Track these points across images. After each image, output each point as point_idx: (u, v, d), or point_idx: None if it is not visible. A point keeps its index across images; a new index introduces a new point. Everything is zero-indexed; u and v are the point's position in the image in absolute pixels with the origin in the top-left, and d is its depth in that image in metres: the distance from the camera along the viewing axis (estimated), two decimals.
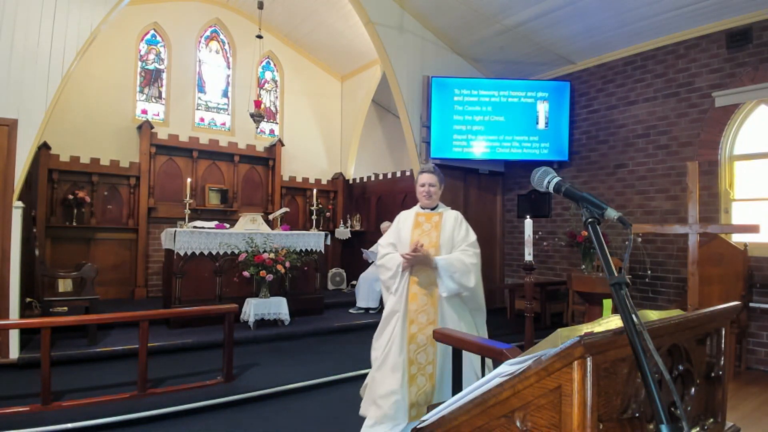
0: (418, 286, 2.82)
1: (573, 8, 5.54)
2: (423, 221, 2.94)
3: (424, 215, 2.97)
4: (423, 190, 2.95)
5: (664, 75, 5.75)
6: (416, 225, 2.93)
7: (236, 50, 8.37)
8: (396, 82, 6.45)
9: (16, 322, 3.94)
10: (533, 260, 3.79)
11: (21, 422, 2.95)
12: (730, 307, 1.16)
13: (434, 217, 2.95)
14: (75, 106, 6.73)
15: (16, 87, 4.09)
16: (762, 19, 4.88)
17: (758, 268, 4.83)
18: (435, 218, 2.94)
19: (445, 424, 0.95)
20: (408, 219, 2.99)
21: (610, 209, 1.00)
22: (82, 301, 4.71)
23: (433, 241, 2.83)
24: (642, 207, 5.94)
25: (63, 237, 6.60)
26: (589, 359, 0.75)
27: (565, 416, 0.77)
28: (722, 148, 5.24)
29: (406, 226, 2.95)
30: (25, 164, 4.12)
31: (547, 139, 6.67)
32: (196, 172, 7.68)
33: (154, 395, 3.50)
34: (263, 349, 4.92)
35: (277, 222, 7.05)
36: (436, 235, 2.86)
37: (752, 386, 4.28)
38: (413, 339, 2.76)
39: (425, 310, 2.79)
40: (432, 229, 2.90)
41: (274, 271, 5.56)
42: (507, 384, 0.84)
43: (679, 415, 0.79)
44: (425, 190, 2.94)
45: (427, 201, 2.96)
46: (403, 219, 3.02)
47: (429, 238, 2.85)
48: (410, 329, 2.77)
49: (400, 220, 3.02)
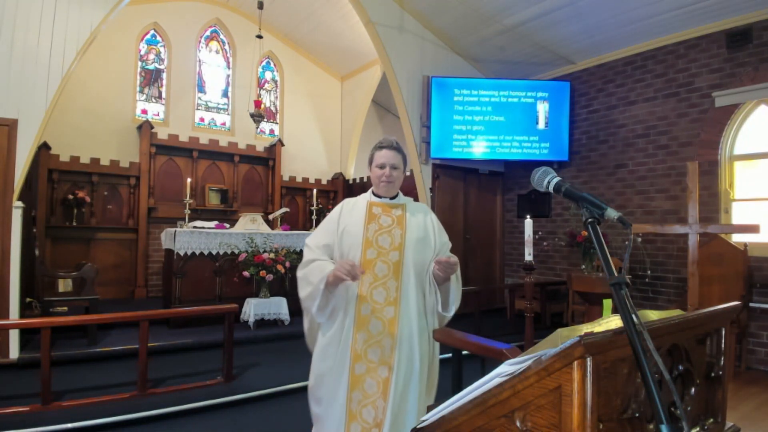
0: (374, 312, 1.99)
1: (573, 8, 5.54)
2: (379, 213, 2.12)
3: (381, 206, 2.15)
4: (382, 174, 2.11)
5: (664, 75, 5.75)
6: (370, 218, 2.11)
7: (236, 50, 8.37)
8: (396, 82, 6.45)
9: (16, 322, 3.94)
10: (533, 260, 3.79)
11: (21, 422, 2.95)
12: (730, 307, 1.16)
13: (395, 209, 2.15)
14: (75, 106, 6.73)
15: (16, 87, 4.09)
16: (762, 19, 4.88)
17: (758, 268, 4.83)
18: (397, 211, 2.14)
19: (445, 424, 0.95)
20: (357, 209, 2.15)
21: (610, 209, 1.00)
22: (82, 301, 4.71)
23: (395, 243, 2.05)
24: (642, 207, 5.94)
25: (63, 237, 6.60)
26: (589, 359, 0.75)
27: (565, 416, 0.77)
28: (722, 148, 5.24)
29: (354, 219, 2.12)
30: (25, 164, 4.12)
31: (547, 139, 6.67)
32: (196, 172, 7.68)
33: (154, 395, 3.50)
34: (263, 349, 4.92)
35: (277, 222, 7.05)
36: (399, 234, 2.07)
37: (752, 386, 4.28)
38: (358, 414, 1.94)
39: (381, 344, 1.96)
40: (394, 225, 2.10)
41: (274, 271, 5.56)
42: (507, 384, 0.84)
43: (679, 415, 0.79)
44: (385, 174, 2.11)
45: (387, 188, 2.14)
46: (348, 209, 2.17)
47: (390, 237, 2.07)
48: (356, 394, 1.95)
49: (343, 210, 2.17)
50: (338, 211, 2.19)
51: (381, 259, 2.05)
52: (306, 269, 2.07)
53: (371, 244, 2.07)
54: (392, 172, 2.12)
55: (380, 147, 2.16)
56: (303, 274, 2.08)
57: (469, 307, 5.38)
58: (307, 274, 2.05)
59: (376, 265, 2.04)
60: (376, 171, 2.15)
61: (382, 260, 2.05)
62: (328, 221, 2.20)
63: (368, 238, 2.07)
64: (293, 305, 5.85)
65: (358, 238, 2.07)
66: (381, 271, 2.04)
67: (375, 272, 2.03)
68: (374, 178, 2.17)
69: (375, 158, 2.16)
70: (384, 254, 2.05)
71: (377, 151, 2.16)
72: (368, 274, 2.03)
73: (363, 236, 2.07)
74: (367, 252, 2.05)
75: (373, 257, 2.05)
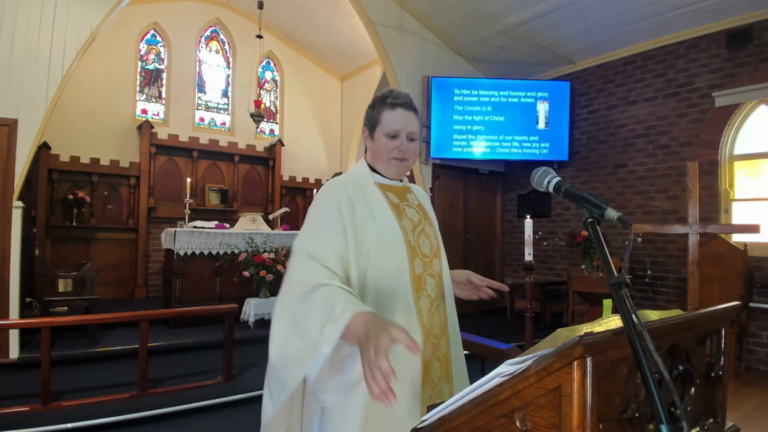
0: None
1: (573, 8, 5.54)
2: (397, 202, 1.42)
3: (394, 191, 1.45)
4: (394, 147, 1.39)
5: (664, 75, 5.75)
6: (397, 210, 1.39)
7: (236, 50, 8.37)
8: (396, 82, 6.45)
9: (16, 322, 3.94)
10: (533, 260, 3.79)
11: (21, 422, 2.95)
12: (730, 307, 1.16)
13: (409, 194, 1.50)
14: (75, 106, 6.73)
15: (16, 87, 4.08)
16: (762, 19, 4.88)
17: (758, 268, 4.83)
18: (411, 197, 1.50)
19: (445, 424, 0.94)
20: (373, 196, 1.38)
21: (610, 209, 1.00)
22: (82, 301, 4.71)
23: (433, 246, 1.43)
24: (642, 207, 5.94)
25: (63, 237, 6.60)
26: (589, 359, 0.75)
27: (565, 416, 0.77)
28: (722, 148, 5.24)
29: (377, 211, 1.35)
30: (25, 164, 4.11)
31: (547, 139, 6.67)
32: (196, 172, 7.68)
33: (154, 395, 3.50)
34: (263, 349, 4.86)
35: (277, 222, 7.05)
36: (432, 233, 1.46)
37: (752, 386, 4.28)
38: None
39: (441, 394, 1.33)
40: (421, 218, 1.45)
41: (274, 271, 5.56)
42: (507, 384, 0.84)
43: (679, 415, 0.79)
44: (399, 147, 1.39)
45: (400, 169, 1.44)
46: (360, 196, 1.35)
47: (427, 238, 1.42)
48: None
49: (351, 198, 1.33)
50: (342, 194, 1.33)
51: (428, 272, 1.39)
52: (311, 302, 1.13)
53: (416, 252, 1.37)
54: (409, 145, 1.41)
55: (392, 104, 1.41)
56: (301, 312, 1.14)
57: (469, 307, 5.37)
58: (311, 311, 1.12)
59: (427, 284, 1.37)
60: (383, 141, 1.40)
61: (430, 274, 1.39)
62: (326, 212, 1.30)
63: (410, 241, 1.37)
64: None
65: (399, 244, 1.34)
66: (433, 290, 1.39)
67: (428, 293, 1.37)
68: (378, 150, 1.41)
69: (383, 121, 1.40)
70: (428, 265, 1.40)
71: (387, 110, 1.40)
72: (423, 298, 1.35)
73: (404, 239, 1.35)
74: (415, 264, 1.35)
75: (421, 272, 1.37)
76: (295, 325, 1.15)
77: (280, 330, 1.18)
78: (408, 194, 1.49)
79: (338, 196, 1.31)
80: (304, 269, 1.20)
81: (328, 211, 1.30)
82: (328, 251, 1.23)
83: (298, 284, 1.18)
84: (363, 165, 1.47)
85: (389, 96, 1.42)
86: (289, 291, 1.20)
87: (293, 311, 1.16)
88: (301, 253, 1.24)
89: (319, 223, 1.30)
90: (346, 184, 1.36)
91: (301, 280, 1.19)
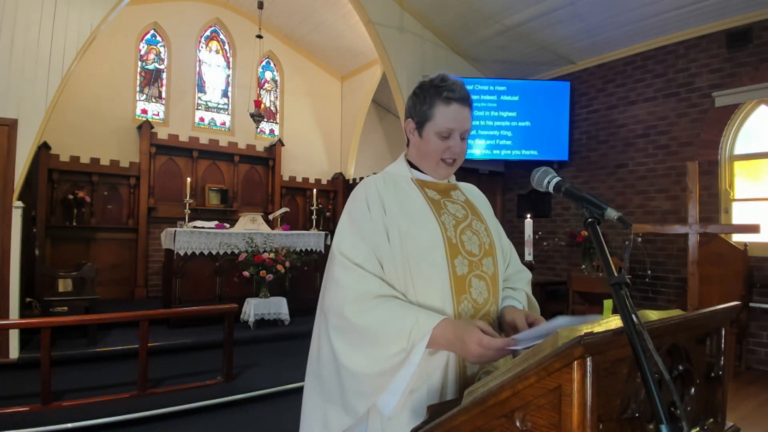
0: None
1: (573, 8, 5.54)
2: (438, 198, 1.32)
3: (436, 189, 1.34)
4: (446, 148, 1.28)
5: (664, 75, 5.75)
6: (435, 205, 1.29)
7: (236, 50, 8.37)
8: (396, 82, 6.45)
9: (16, 322, 3.94)
10: (533, 260, 3.79)
11: (21, 422, 2.95)
12: (730, 307, 1.16)
13: (454, 191, 1.38)
14: (75, 106, 6.73)
15: (16, 87, 4.08)
16: (762, 19, 4.88)
17: (758, 268, 4.83)
18: (457, 194, 1.38)
19: (445, 424, 0.95)
20: (408, 192, 1.30)
21: (610, 209, 1.00)
22: (82, 301, 4.71)
23: (485, 244, 1.29)
24: (642, 207, 5.94)
25: (63, 237, 6.60)
26: (589, 359, 0.75)
27: (565, 416, 0.77)
28: (722, 148, 5.24)
29: (410, 205, 1.26)
30: (25, 164, 4.12)
31: (547, 139, 6.68)
32: (196, 172, 7.68)
33: (154, 395, 3.50)
34: (263, 349, 4.92)
35: (277, 222, 7.05)
36: (484, 230, 1.32)
37: (752, 386, 4.28)
38: None
39: None
40: (469, 214, 1.33)
41: (274, 271, 5.56)
42: (507, 384, 0.84)
43: (679, 415, 0.79)
44: (452, 149, 1.29)
45: (449, 171, 1.35)
46: (391, 192, 1.27)
47: (476, 235, 1.29)
48: None
49: (382, 198, 1.26)
50: (374, 193, 1.26)
51: (475, 273, 1.24)
52: (376, 317, 1.12)
53: (458, 250, 1.23)
54: (462, 145, 1.29)
55: (448, 99, 1.24)
56: (371, 323, 1.12)
57: None
58: (379, 328, 1.11)
59: (472, 286, 1.23)
60: (433, 141, 1.27)
61: (477, 275, 1.24)
62: (360, 212, 1.25)
63: (449, 237, 1.23)
64: (293, 305, 5.86)
65: (436, 238, 1.22)
66: (481, 295, 1.23)
67: (474, 298, 1.22)
68: (428, 150, 1.29)
69: (436, 118, 1.25)
70: (476, 265, 1.25)
71: (441, 104, 1.24)
72: (465, 302, 1.21)
73: (441, 234, 1.23)
74: (456, 263, 1.22)
75: (465, 272, 1.23)
76: (372, 336, 1.13)
77: (353, 343, 1.15)
78: (453, 191, 1.38)
79: (369, 194, 1.27)
80: (354, 278, 1.18)
81: (360, 211, 1.26)
82: (369, 257, 1.20)
83: (360, 298, 1.15)
84: (402, 163, 1.38)
85: (444, 87, 1.25)
86: (346, 300, 1.16)
87: (365, 322, 1.13)
88: (342, 260, 1.21)
89: (353, 224, 1.26)
90: (377, 182, 1.30)
91: (360, 292, 1.16)
